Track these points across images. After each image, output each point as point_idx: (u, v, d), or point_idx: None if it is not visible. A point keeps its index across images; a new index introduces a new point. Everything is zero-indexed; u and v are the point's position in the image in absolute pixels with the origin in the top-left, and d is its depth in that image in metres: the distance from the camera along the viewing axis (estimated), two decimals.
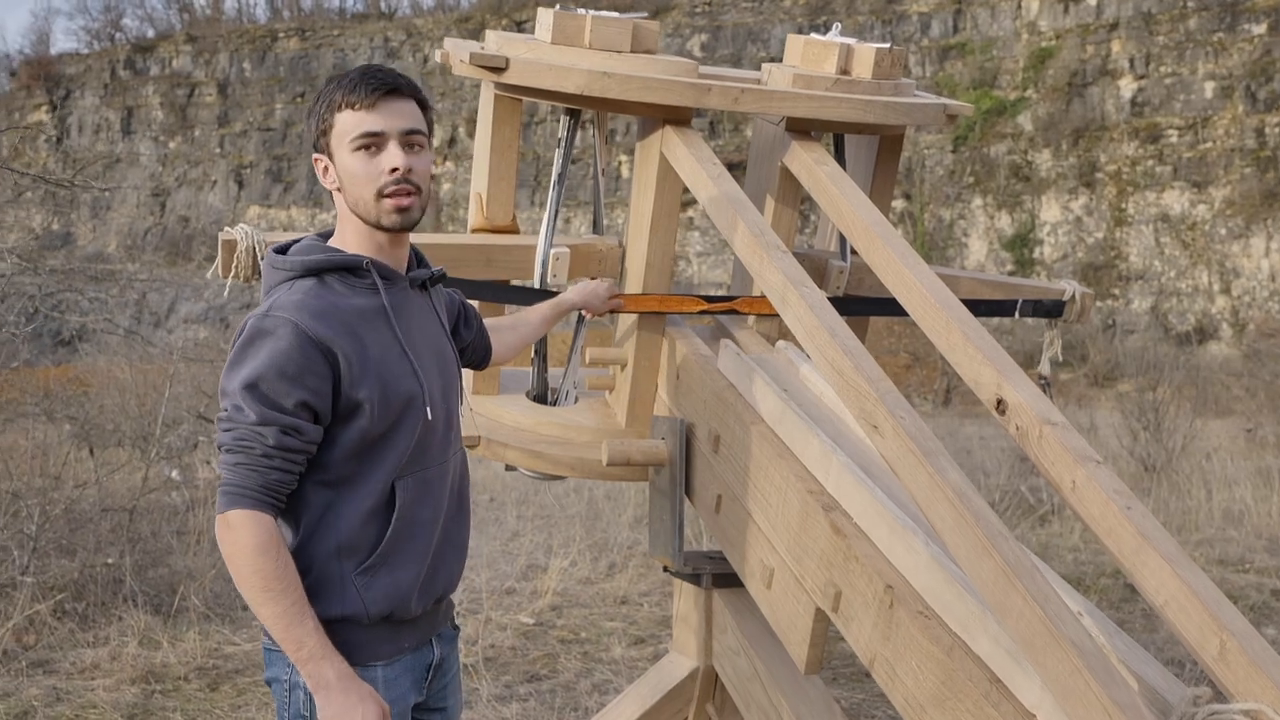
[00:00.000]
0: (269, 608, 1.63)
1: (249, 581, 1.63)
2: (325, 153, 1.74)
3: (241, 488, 1.63)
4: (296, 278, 1.72)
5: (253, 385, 1.63)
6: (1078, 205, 34.91)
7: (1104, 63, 34.95)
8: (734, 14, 37.55)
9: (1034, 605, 1.37)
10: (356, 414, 1.69)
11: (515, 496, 8.53)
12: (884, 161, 2.97)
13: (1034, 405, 1.75)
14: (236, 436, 1.64)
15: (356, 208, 1.74)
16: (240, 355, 1.66)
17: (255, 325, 1.66)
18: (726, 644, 2.59)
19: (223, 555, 1.65)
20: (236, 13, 44.52)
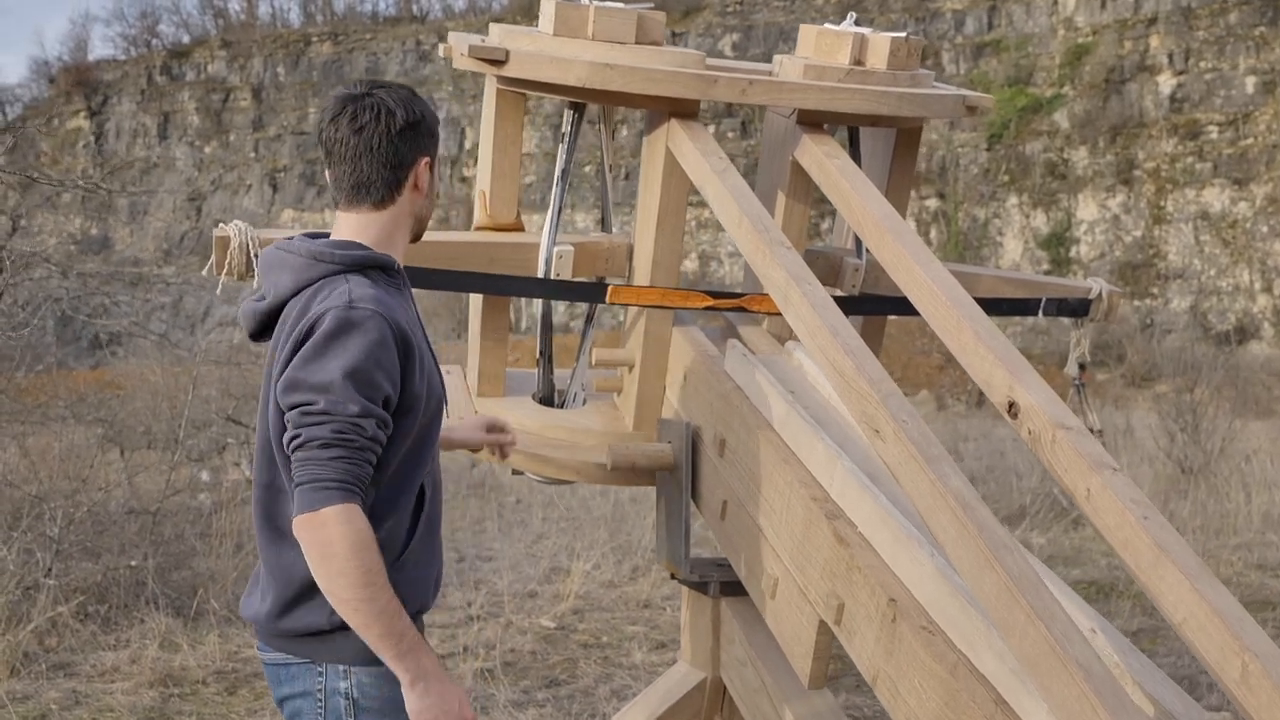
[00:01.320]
0: (373, 604, 1.61)
1: (353, 577, 1.59)
2: (433, 159, 1.82)
3: (343, 481, 1.61)
4: (346, 272, 1.72)
5: (351, 375, 1.62)
6: (1115, 203, 34.45)
7: (1142, 58, 34.46)
8: (765, 13, 37.39)
9: (1038, 623, 1.28)
10: (413, 408, 1.72)
11: (542, 499, 8.49)
12: (901, 156, 2.88)
13: (1047, 408, 1.65)
14: (336, 429, 1.61)
15: (427, 214, 1.84)
16: (327, 347, 1.64)
17: (342, 316, 1.64)
18: (734, 654, 2.51)
19: (317, 554, 1.60)
20: (270, 17, 44.96)
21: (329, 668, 1.72)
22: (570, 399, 2.90)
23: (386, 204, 1.78)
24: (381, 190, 1.76)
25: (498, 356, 2.85)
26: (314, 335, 1.64)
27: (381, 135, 1.74)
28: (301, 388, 1.63)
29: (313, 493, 1.60)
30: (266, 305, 1.76)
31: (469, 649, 4.87)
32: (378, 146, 1.74)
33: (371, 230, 1.78)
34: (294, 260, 1.73)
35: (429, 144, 1.79)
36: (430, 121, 1.80)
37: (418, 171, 1.78)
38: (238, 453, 9.58)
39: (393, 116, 1.74)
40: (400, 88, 1.79)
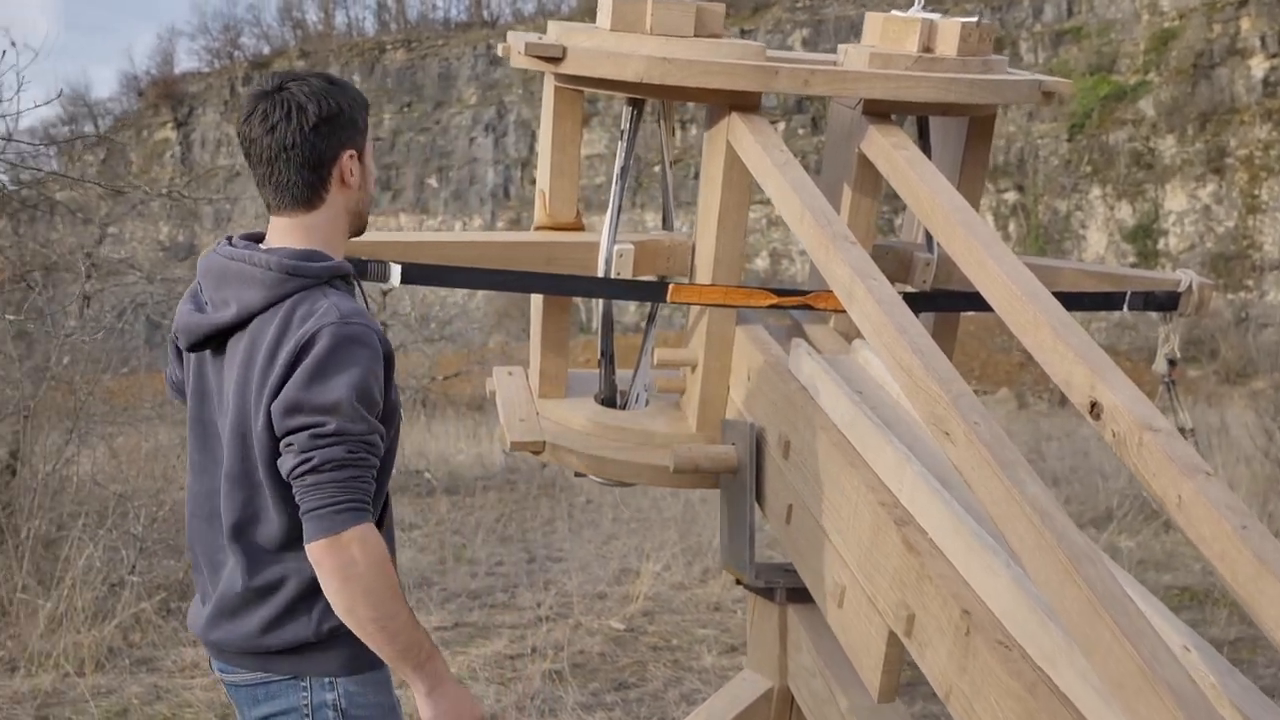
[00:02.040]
0: (398, 618, 1.59)
1: (382, 594, 1.57)
2: (361, 152, 1.72)
3: (359, 501, 1.58)
4: (321, 285, 1.66)
5: (358, 394, 1.58)
6: (1206, 193, 33.35)
7: (1232, 42, 33.29)
8: (836, 6, 36.97)
9: (1124, 641, 1.19)
10: (391, 419, 1.68)
11: (612, 499, 8.47)
12: (974, 146, 2.77)
13: (1133, 408, 1.55)
14: (349, 449, 1.57)
15: (366, 206, 1.76)
16: (327, 365, 1.58)
17: (340, 333, 1.59)
18: (802, 663, 2.43)
19: (340, 576, 1.56)
20: (346, 27, 45.84)
21: (313, 681, 1.69)
22: (632, 400, 2.84)
23: (315, 205, 1.69)
24: (305, 192, 1.67)
25: (558, 357, 2.81)
26: (311, 354, 1.58)
27: (295, 134, 1.64)
28: (306, 409, 1.57)
29: (333, 516, 1.56)
30: (227, 320, 1.66)
31: (538, 650, 4.86)
32: (292, 145, 1.64)
33: (309, 236, 1.69)
34: (261, 274, 1.64)
35: (351, 135, 1.68)
36: (352, 110, 1.68)
37: (341, 166, 1.68)
38: None
39: (304, 112, 1.64)
40: (316, 77, 1.68)
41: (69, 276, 7.57)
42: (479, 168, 40.83)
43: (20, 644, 4.49)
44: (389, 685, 1.76)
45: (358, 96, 1.71)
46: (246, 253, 1.68)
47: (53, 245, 7.61)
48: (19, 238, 7.10)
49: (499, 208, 39.26)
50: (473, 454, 11.34)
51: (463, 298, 22.49)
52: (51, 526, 5.31)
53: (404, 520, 8.00)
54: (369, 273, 2.49)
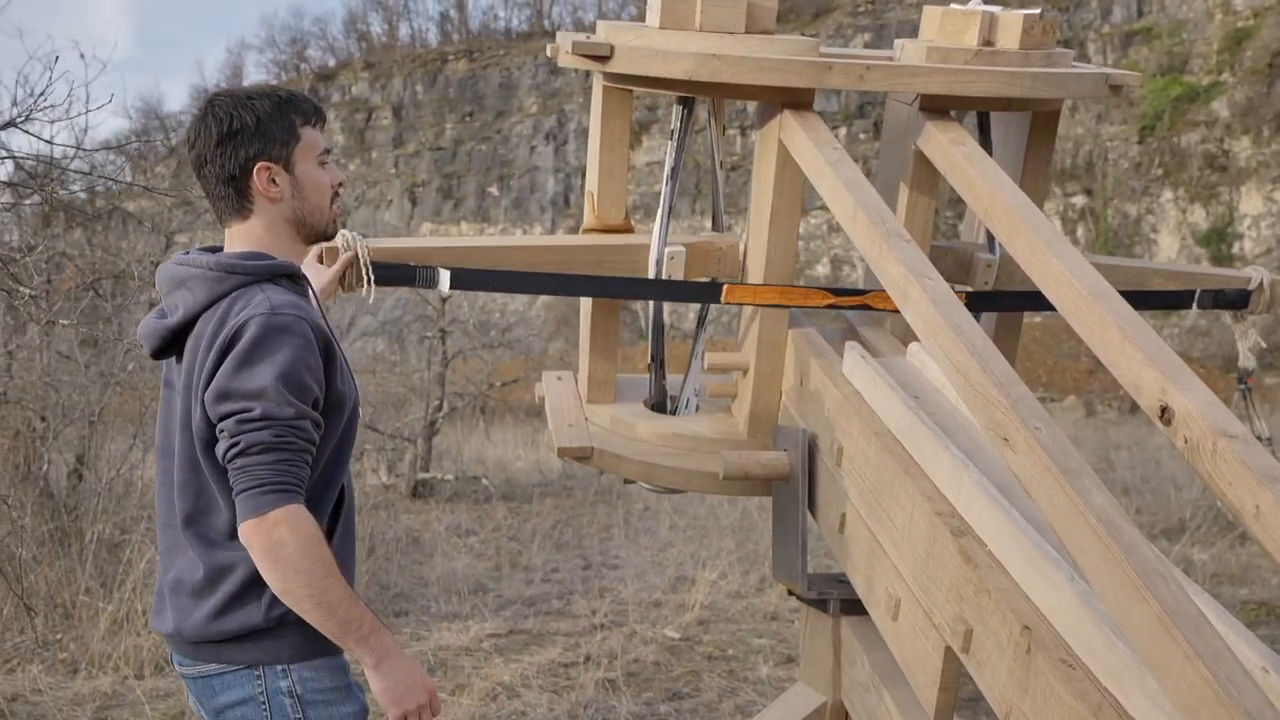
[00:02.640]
0: (331, 594, 1.62)
1: (312, 572, 1.61)
2: (284, 163, 1.76)
3: (286, 483, 1.62)
4: (260, 281, 1.71)
5: (285, 380, 1.63)
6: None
7: None
8: (899, 11, 36.58)
9: (1198, 664, 1.10)
10: (339, 409, 1.72)
11: (669, 506, 8.42)
12: (1037, 142, 2.67)
13: (1206, 413, 1.45)
14: (276, 434, 1.62)
15: (310, 216, 1.79)
16: (254, 353, 1.63)
17: (267, 323, 1.64)
18: (856, 677, 2.35)
19: (270, 557, 1.61)
20: (410, 38, 46.48)
21: (266, 670, 1.71)
22: (683, 405, 2.79)
23: (246, 215, 1.76)
24: (229, 204, 1.76)
25: (607, 361, 2.77)
26: (239, 343, 1.64)
27: (205, 150, 1.73)
28: (234, 396, 1.63)
29: (259, 497, 1.60)
30: (176, 322, 1.73)
31: (592, 658, 4.82)
32: (206, 162, 1.74)
33: (248, 241, 1.76)
34: (203, 274, 1.72)
35: (262, 147, 1.73)
36: (263, 123, 1.73)
37: (255, 180, 1.74)
38: (376, 458, 9.84)
39: (209, 131, 1.72)
40: (236, 93, 1.76)
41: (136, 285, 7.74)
42: (539, 176, 41.09)
43: (82, 646, 4.56)
44: (345, 669, 1.78)
45: (278, 108, 1.75)
46: (194, 258, 1.75)
47: (121, 254, 7.77)
48: (90, 247, 7.25)
49: (559, 216, 39.47)
50: (530, 460, 11.35)
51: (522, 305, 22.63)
52: (115, 530, 5.39)
53: (460, 526, 8.02)
54: (418, 279, 2.47)
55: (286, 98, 1.77)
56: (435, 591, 5.85)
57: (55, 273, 6.57)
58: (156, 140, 23.37)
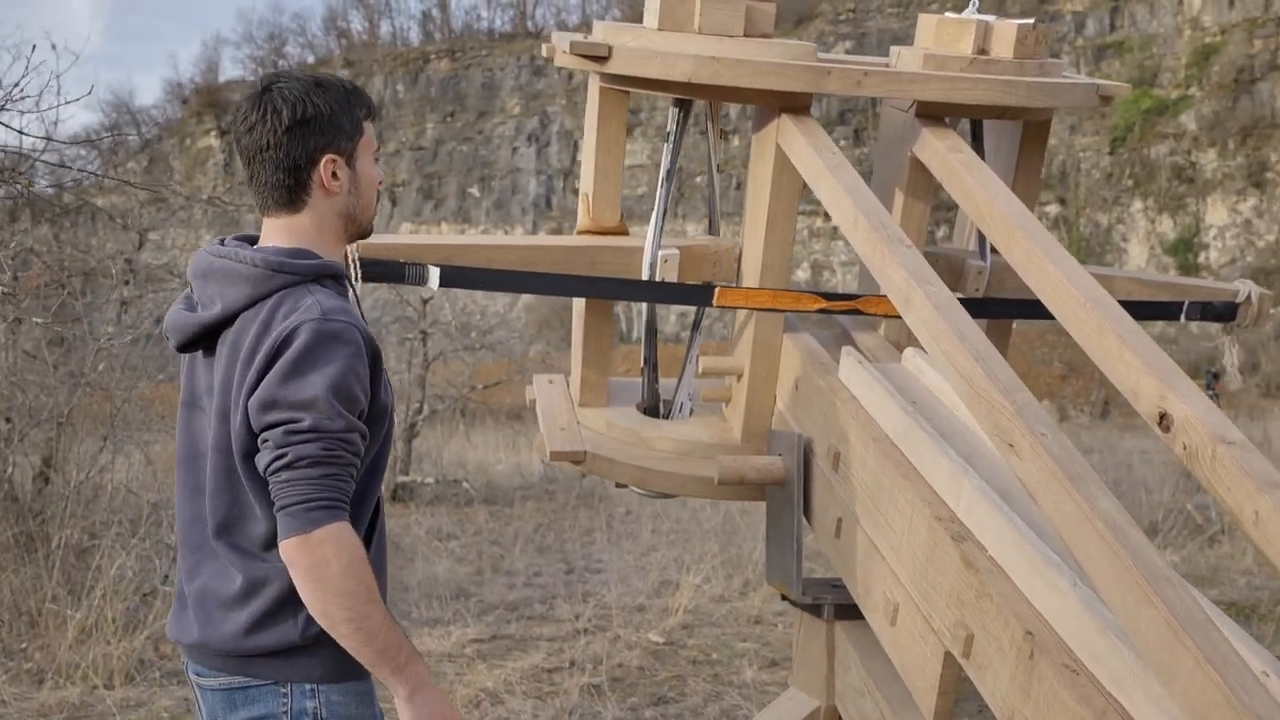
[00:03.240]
0: (373, 619, 1.56)
1: (355, 595, 1.55)
2: (348, 156, 1.68)
3: (333, 500, 1.55)
4: (307, 282, 1.63)
5: (337, 391, 1.56)
6: (1247, 207, 32.88)
7: (1273, 57, 32.86)
8: (879, 19, 36.84)
9: (1209, 669, 1.11)
10: (381, 418, 1.67)
11: (651, 510, 8.41)
12: (1028, 151, 2.70)
13: (1206, 420, 1.47)
14: (325, 447, 1.55)
15: (362, 213, 1.72)
16: (305, 362, 1.56)
17: (319, 329, 1.57)
18: (850, 682, 2.36)
19: (313, 577, 1.54)
20: (391, 36, 46.30)
21: (294, 688, 1.65)
22: (675, 409, 2.79)
23: (298, 207, 1.67)
24: (284, 194, 1.66)
25: (601, 365, 2.77)
26: (289, 350, 1.56)
27: (269, 136, 1.63)
28: (282, 406, 1.55)
29: (305, 513, 1.54)
30: (211, 317, 1.64)
31: (576, 663, 4.81)
32: (267, 147, 1.63)
33: (294, 235, 1.68)
34: (246, 270, 1.63)
35: (332, 138, 1.65)
36: (335, 113, 1.65)
37: (320, 171, 1.65)
38: None
39: (279, 115, 1.62)
40: (302, 79, 1.66)
41: (107, 283, 7.60)
42: (521, 178, 40.99)
43: (49, 655, 4.44)
44: (373, 697, 1.72)
45: (346, 99, 1.67)
46: (234, 250, 1.66)
47: (92, 251, 7.65)
48: (58, 243, 7.12)
49: (540, 218, 39.37)
50: (511, 464, 11.31)
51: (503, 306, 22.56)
52: (84, 535, 5.26)
53: (441, 530, 7.97)
54: (407, 276, 2.46)
55: (352, 89, 1.69)
56: (416, 596, 5.82)
57: (22, 269, 6.45)
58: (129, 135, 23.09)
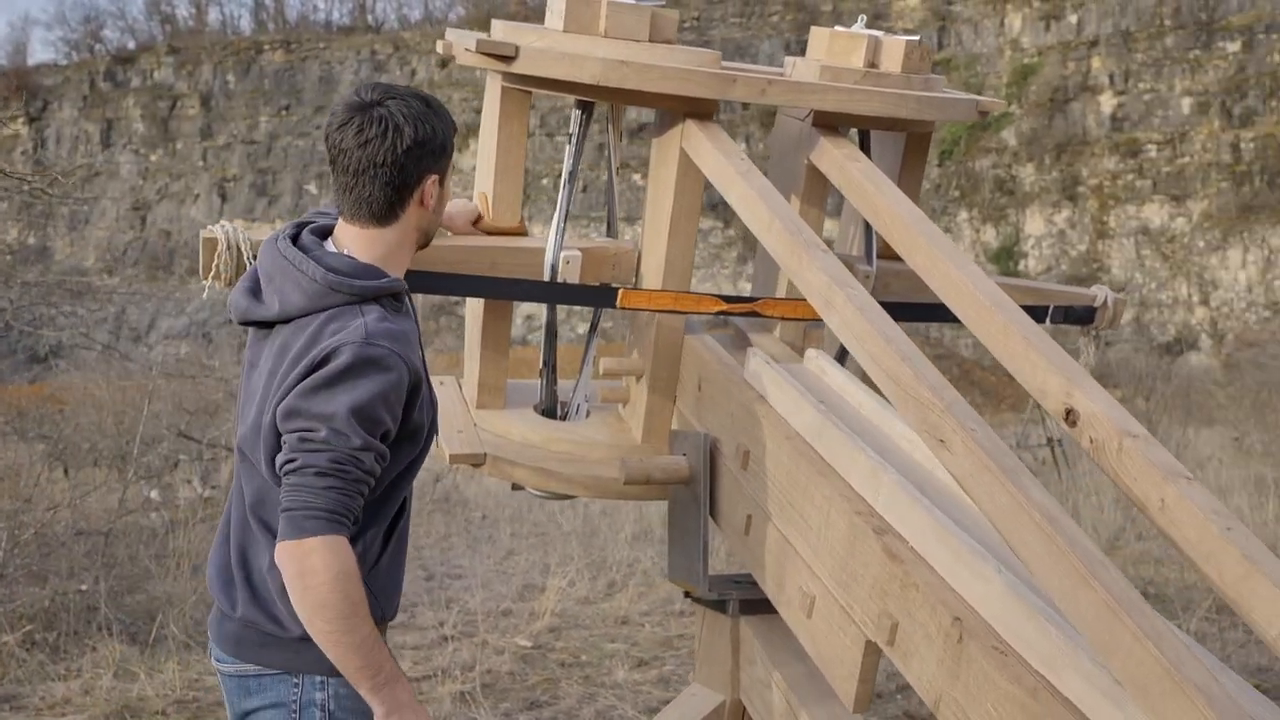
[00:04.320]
0: (354, 634, 1.59)
1: (338, 609, 1.57)
2: (442, 176, 1.76)
3: (332, 511, 1.59)
4: (362, 302, 1.68)
5: (359, 411, 1.61)
6: (1061, 218, 35.18)
7: (1085, 79, 35.30)
8: (722, 29, 37.64)
9: (1147, 644, 1.20)
10: (413, 438, 1.72)
11: (509, 514, 8.35)
12: (911, 161, 2.82)
13: (1110, 414, 1.58)
14: (334, 459, 1.59)
15: (434, 227, 1.82)
16: (340, 380, 1.61)
17: (361, 353, 1.62)
18: (756, 675, 2.41)
19: (299, 583, 1.58)
20: (220, 24, 44.29)
21: (305, 679, 1.70)
22: (573, 410, 2.79)
23: (389, 221, 1.73)
24: (383, 208, 1.71)
25: (498, 366, 2.74)
26: (325, 367, 1.62)
27: (387, 153, 1.67)
28: (303, 415, 1.61)
29: (302, 520, 1.58)
30: (270, 315, 1.72)
31: (446, 671, 4.73)
32: (382, 164, 1.67)
33: (375, 247, 1.74)
34: (307, 284, 1.68)
35: (439, 160, 1.73)
36: (442, 136, 1.73)
37: (424, 189, 1.73)
38: (189, 469, 9.30)
39: (400, 134, 1.67)
40: (415, 98, 1.71)
41: None
42: None
43: None
44: None
45: (450, 122, 1.75)
46: (300, 257, 1.71)
47: None
48: None
49: None
50: None
51: None
52: None
53: None
54: None
55: (445, 108, 1.76)
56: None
57: None
58: None
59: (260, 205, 39.55)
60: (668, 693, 4.52)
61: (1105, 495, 7.76)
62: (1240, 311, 32.46)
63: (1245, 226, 32.12)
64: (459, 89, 34.99)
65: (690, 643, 5.16)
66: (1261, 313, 31.87)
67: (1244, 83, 32.50)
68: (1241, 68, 32.54)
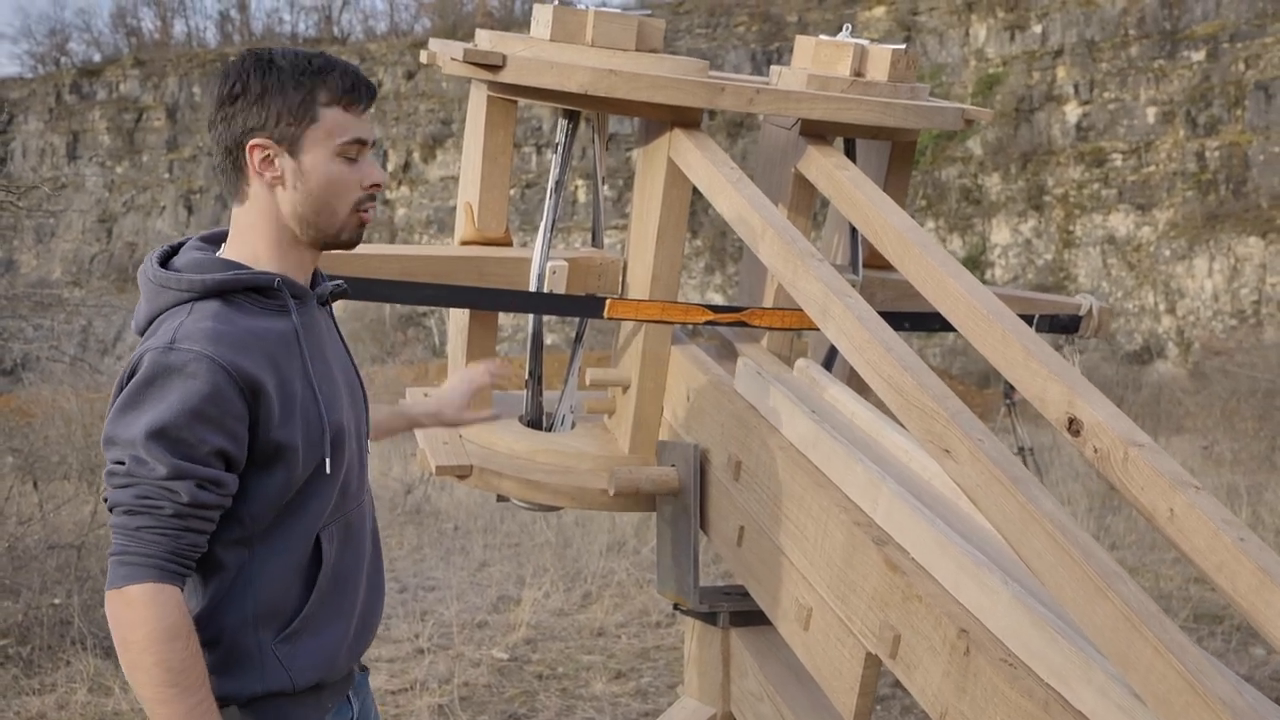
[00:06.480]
0: (170, 706, 1.36)
1: (150, 674, 1.36)
2: (287, 144, 1.45)
3: (146, 556, 1.37)
4: (197, 299, 1.44)
5: (160, 433, 1.37)
6: (1027, 227, 35.54)
7: (1050, 89, 35.71)
8: (688, 39, 37.75)
9: (1169, 656, 1.18)
10: (279, 459, 1.45)
11: (481, 524, 8.28)
12: (896, 170, 2.82)
13: (1114, 424, 1.57)
14: (139, 494, 1.37)
15: (316, 216, 1.48)
16: (139, 397, 1.38)
17: (158, 361, 1.38)
18: (747, 688, 2.38)
19: (117, 637, 1.37)
20: (186, 37, 43.95)
21: None
22: (558, 421, 2.76)
23: (240, 199, 1.49)
24: (229, 180, 1.48)
25: None
26: (131, 382, 1.40)
27: (211, 111, 1.46)
28: (113, 443, 1.40)
29: (118, 566, 1.38)
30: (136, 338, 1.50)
31: (422, 683, 4.68)
32: (212, 124, 1.46)
33: (237, 233, 1.50)
34: (145, 286, 1.47)
35: (260, 120, 1.43)
36: (266, 92, 1.43)
37: (248, 155, 1.45)
38: None
39: (218, 90, 1.45)
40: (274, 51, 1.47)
41: None
42: None
43: None
44: None
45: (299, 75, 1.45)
46: (148, 260, 1.51)
47: None
48: None
49: None
50: None
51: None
52: None
53: None
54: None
55: (318, 67, 1.46)
56: None
57: None
58: None
59: (226, 217, 39.19)
60: (646, 705, 4.49)
61: (1078, 504, 7.81)
62: (1207, 320, 32.92)
63: (1211, 235, 32.58)
64: (425, 100, 34.87)
65: (668, 654, 5.14)
66: (1228, 321, 32.33)
67: (1208, 92, 33.01)
68: (1206, 77, 33.05)
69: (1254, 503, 7.63)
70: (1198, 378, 23.36)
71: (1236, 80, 32.79)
